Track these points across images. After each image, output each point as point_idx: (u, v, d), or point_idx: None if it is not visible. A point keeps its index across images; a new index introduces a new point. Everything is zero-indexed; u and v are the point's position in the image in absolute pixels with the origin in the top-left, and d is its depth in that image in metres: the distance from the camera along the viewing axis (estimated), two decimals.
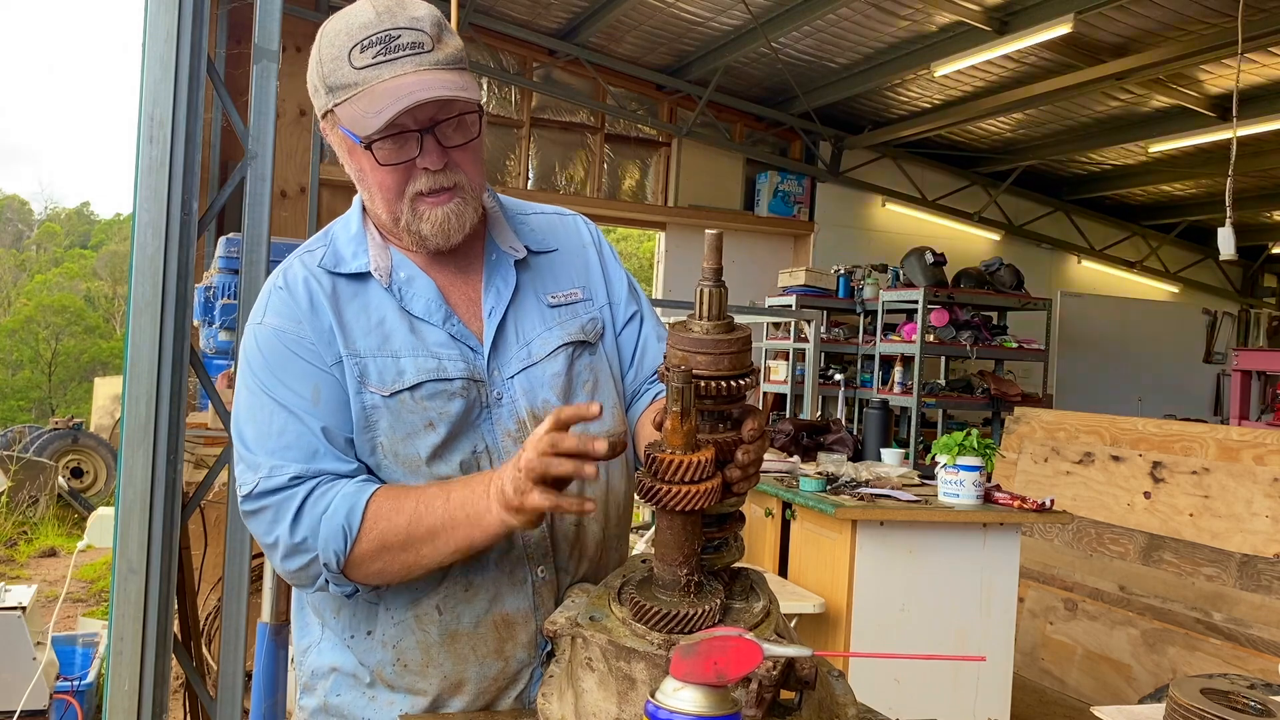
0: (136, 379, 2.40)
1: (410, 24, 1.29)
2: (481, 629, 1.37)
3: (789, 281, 9.11)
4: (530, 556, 1.38)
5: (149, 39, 2.40)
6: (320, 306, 1.35)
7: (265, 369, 1.33)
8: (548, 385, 1.41)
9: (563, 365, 1.42)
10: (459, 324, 1.38)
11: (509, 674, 1.40)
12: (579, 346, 1.44)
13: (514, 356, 1.40)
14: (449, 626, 1.37)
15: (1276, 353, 8.36)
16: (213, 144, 7.77)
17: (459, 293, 1.41)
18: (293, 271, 1.39)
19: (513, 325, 1.41)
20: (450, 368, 1.35)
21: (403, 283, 1.39)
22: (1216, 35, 6.73)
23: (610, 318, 1.52)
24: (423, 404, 1.34)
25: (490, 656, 1.38)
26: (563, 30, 9.15)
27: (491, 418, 1.38)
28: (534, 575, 1.39)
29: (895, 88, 9.16)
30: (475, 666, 1.38)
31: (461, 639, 1.37)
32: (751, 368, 1.10)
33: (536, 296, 1.45)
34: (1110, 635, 4.71)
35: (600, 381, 1.46)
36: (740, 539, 1.19)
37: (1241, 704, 1.53)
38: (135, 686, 2.41)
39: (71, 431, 9.63)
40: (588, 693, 1.10)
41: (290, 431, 1.29)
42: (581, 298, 1.48)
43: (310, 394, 1.31)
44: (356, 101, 1.28)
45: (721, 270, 1.09)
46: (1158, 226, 11.95)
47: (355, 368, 1.33)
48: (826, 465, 4.03)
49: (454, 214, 1.34)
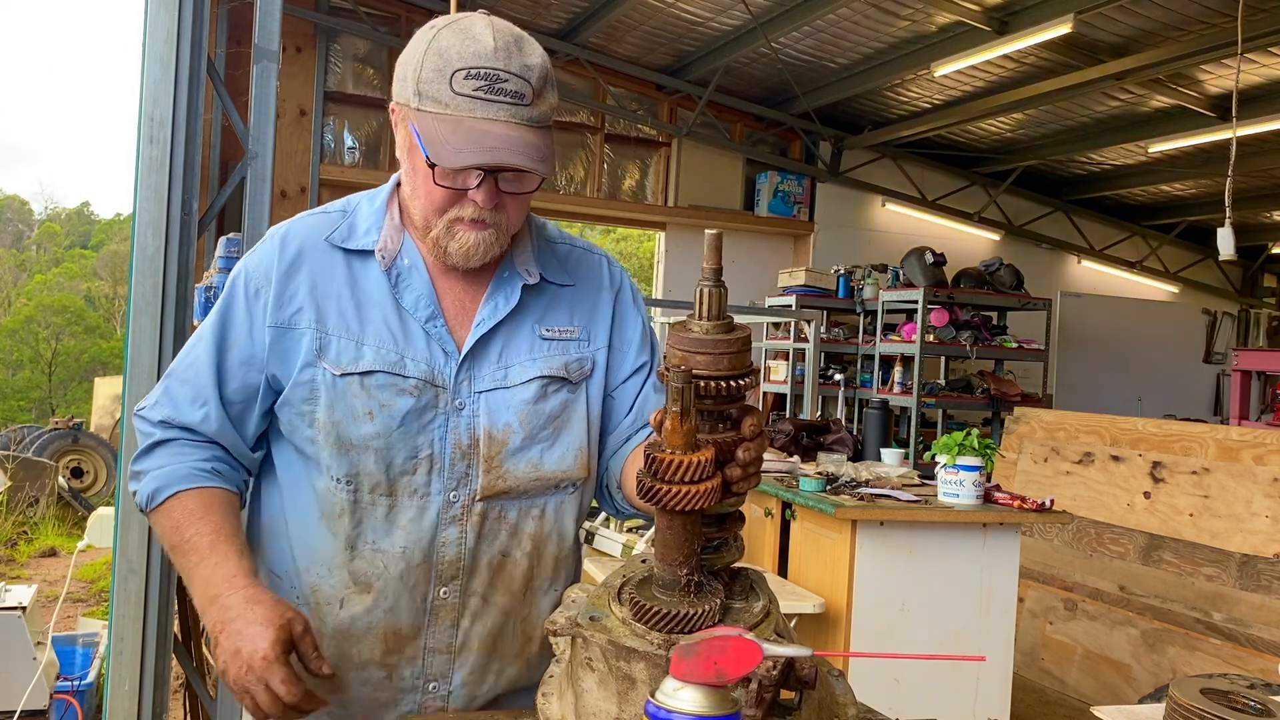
0: (136, 379, 2.40)
1: (521, 72, 1.28)
2: (371, 635, 1.38)
3: (789, 281, 9.11)
4: (439, 575, 1.37)
5: (149, 39, 2.40)
6: (298, 271, 1.37)
7: (221, 302, 1.40)
8: (513, 411, 1.39)
9: (533, 395, 1.40)
10: (440, 326, 1.38)
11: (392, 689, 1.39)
12: (556, 382, 1.42)
13: (489, 374, 1.39)
14: (343, 623, 1.38)
15: (1276, 353, 8.37)
16: (213, 144, 7.76)
17: (455, 296, 1.41)
18: (294, 229, 1.42)
19: (500, 343, 1.40)
20: (410, 366, 1.35)
21: (403, 269, 1.39)
22: (1216, 35, 6.73)
23: (606, 362, 1.48)
24: (369, 392, 1.34)
25: (372, 665, 1.38)
26: (563, 30, 9.14)
27: (446, 425, 1.36)
28: (434, 594, 1.38)
29: (895, 88, 9.16)
30: (356, 670, 1.39)
31: (349, 639, 1.38)
32: (751, 368, 1.09)
33: (533, 325, 1.43)
34: (1110, 635, 4.71)
35: (571, 421, 1.43)
36: (740, 539, 1.18)
37: (1241, 704, 1.53)
38: (135, 686, 2.42)
39: (71, 431, 9.63)
40: (588, 693, 1.10)
41: (198, 368, 1.38)
42: (577, 336, 1.46)
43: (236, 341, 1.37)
44: (441, 123, 1.27)
45: (721, 270, 1.08)
46: (1158, 226, 11.95)
47: (316, 340, 1.35)
48: (826, 465, 4.03)
49: (483, 243, 1.34)
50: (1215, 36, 6.73)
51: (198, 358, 1.38)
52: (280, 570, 1.41)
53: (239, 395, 1.38)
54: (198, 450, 1.38)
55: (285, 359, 1.36)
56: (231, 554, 1.28)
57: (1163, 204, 11.54)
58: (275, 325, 1.36)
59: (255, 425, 1.40)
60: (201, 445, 1.39)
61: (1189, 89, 8.08)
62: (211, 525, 1.30)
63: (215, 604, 1.23)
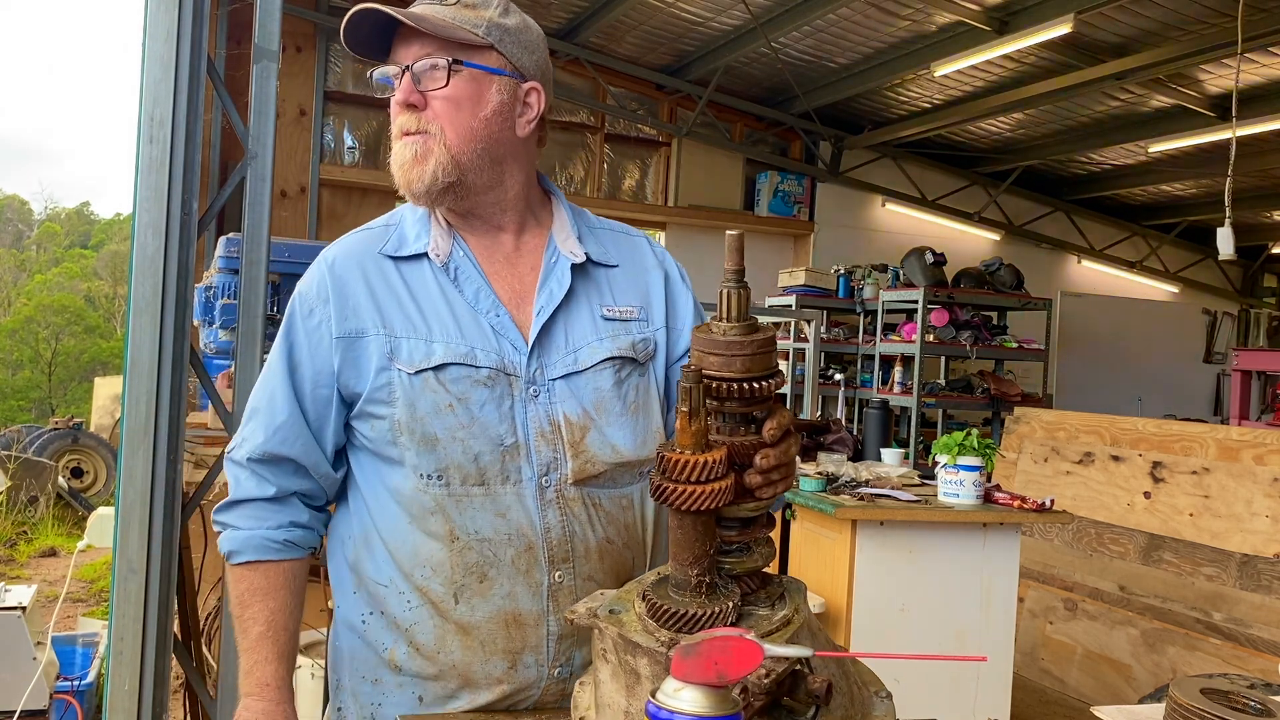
0: (136, 379, 2.40)
1: None
2: (492, 624, 1.37)
3: (789, 281, 9.11)
4: (551, 559, 1.38)
5: (149, 39, 2.40)
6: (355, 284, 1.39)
7: (281, 331, 1.43)
8: (589, 395, 1.39)
9: (609, 381, 1.41)
10: (504, 317, 1.39)
11: (516, 680, 1.39)
12: (627, 363, 1.43)
13: (560, 360, 1.39)
14: (463, 616, 1.37)
15: (1276, 353, 8.37)
16: (213, 144, 7.77)
17: (509, 285, 1.42)
18: (342, 248, 1.44)
19: (562, 328, 1.41)
20: (481, 356, 1.36)
21: (460, 263, 1.41)
22: (1216, 35, 6.73)
23: (667, 342, 1.48)
24: (445, 385, 1.35)
25: (497, 655, 1.38)
26: (563, 30, 9.14)
27: (526, 412, 1.37)
28: (550, 578, 1.37)
29: (895, 88, 9.16)
30: (481, 663, 1.38)
31: (472, 631, 1.37)
32: (772, 370, 1.08)
33: (590, 305, 1.43)
34: (1110, 635, 4.71)
35: (646, 404, 1.44)
36: (769, 543, 1.15)
37: (1241, 704, 1.53)
38: (135, 686, 2.41)
39: (71, 431, 9.62)
40: (603, 683, 1.11)
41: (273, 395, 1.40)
42: (637, 316, 1.46)
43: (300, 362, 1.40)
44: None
45: (743, 271, 1.07)
46: (1158, 226, 11.95)
47: (386, 344, 1.36)
48: (826, 465, 4.03)
49: (412, 154, 1.37)
50: (1215, 36, 6.73)
51: (272, 389, 1.41)
52: (384, 580, 1.40)
53: (314, 412, 1.40)
54: (273, 515, 1.41)
55: (358, 368, 1.38)
56: (273, 657, 1.39)
57: (1163, 204, 11.54)
58: (342, 336, 1.38)
59: (333, 440, 1.42)
60: (278, 508, 1.41)
61: (1189, 89, 8.08)
62: (266, 613, 1.39)
63: (243, 700, 1.40)
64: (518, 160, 1.43)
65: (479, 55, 1.37)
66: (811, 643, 1.11)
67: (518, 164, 1.44)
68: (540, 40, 1.45)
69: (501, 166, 1.41)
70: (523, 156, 1.44)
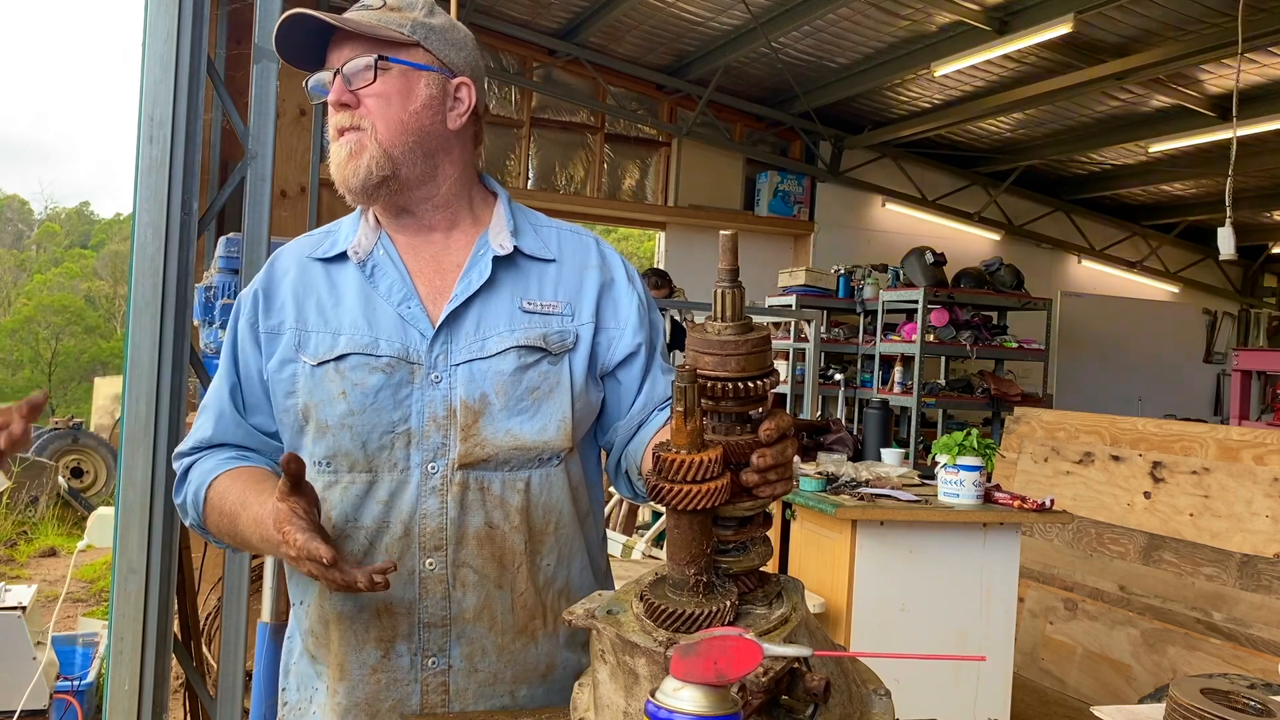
0: (136, 379, 2.40)
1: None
2: (365, 613, 1.39)
3: (789, 281, 9.11)
4: (423, 546, 1.39)
5: (149, 39, 2.40)
6: (283, 283, 1.46)
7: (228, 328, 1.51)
8: (490, 381, 1.40)
9: (511, 366, 1.41)
10: (415, 307, 1.41)
11: (389, 669, 1.40)
12: (534, 352, 1.42)
13: (465, 346, 1.41)
14: (337, 605, 1.41)
15: (1276, 353, 8.37)
16: (213, 144, 7.76)
17: (430, 280, 1.45)
18: (284, 251, 1.52)
19: (475, 316, 1.42)
20: (384, 345, 1.40)
21: (378, 261, 1.45)
22: (1216, 35, 6.73)
23: (594, 339, 1.48)
24: (343, 374, 1.39)
25: (370, 644, 1.39)
26: (563, 30, 9.15)
27: (423, 399, 1.39)
28: (421, 566, 1.39)
29: (895, 88, 9.16)
30: (355, 652, 1.40)
31: (345, 621, 1.40)
32: (767, 369, 1.08)
33: (513, 298, 1.45)
34: (1110, 635, 4.71)
35: (553, 394, 1.43)
36: (766, 542, 1.15)
37: (1241, 704, 1.53)
38: (135, 686, 2.42)
39: (71, 431, 9.62)
40: (602, 683, 1.11)
41: (217, 391, 1.49)
42: (560, 311, 1.46)
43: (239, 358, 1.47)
44: None
45: (737, 271, 1.08)
46: (1158, 226, 11.95)
47: (295, 337, 1.42)
48: (826, 465, 4.03)
49: (347, 151, 1.41)
50: (1215, 36, 6.73)
51: (217, 384, 1.50)
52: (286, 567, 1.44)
53: (250, 404, 1.48)
54: (220, 452, 1.47)
55: (276, 362, 1.44)
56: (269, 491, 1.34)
57: (1163, 204, 11.54)
58: (266, 332, 1.45)
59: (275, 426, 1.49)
60: (222, 448, 1.47)
61: (1189, 89, 8.08)
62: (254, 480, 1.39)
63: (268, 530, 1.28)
64: (450, 154, 1.46)
65: (406, 52, 1.41)
66: (809, 641, 1.11)
67: (450, 159, 1.46)
68: (468, 39, 1.49)
69: (434, 160, 1.44)
70: (456, 151, 1.47)
